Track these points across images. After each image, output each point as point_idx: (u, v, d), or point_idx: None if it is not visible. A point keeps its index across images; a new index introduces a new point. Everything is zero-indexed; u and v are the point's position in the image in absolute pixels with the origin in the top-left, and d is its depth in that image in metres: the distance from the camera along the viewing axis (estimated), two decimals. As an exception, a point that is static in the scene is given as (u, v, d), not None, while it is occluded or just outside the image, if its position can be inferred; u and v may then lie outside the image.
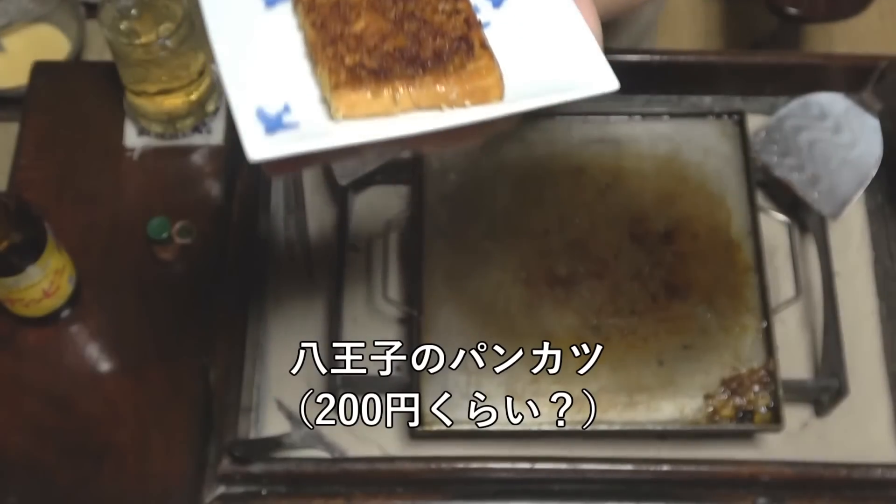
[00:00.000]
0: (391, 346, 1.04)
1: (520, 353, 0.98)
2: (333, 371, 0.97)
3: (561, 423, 0.95)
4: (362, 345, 1.04)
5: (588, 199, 1.06)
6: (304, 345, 1.05)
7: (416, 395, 0.95)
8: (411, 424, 0.96)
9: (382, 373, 1.03)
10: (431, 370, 0.96)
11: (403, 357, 1.03)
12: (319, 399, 1.02)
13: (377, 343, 1.04)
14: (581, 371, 0.97)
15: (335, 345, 0.98)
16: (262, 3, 0.62)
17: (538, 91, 0.59)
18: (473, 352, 0.97)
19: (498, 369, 0.97)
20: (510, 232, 1.03)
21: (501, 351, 0.98)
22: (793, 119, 1.09)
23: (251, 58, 0.58)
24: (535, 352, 0.98)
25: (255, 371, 1.01)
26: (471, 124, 0.55)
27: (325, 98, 0.57)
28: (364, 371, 1.03)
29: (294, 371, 1.04)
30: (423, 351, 0.97)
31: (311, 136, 0.54)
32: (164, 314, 1.01)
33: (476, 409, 0.95)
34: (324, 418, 1.02)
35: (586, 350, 0.98)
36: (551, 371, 0.97)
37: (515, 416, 0.95)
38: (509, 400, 0.96)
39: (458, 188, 1.05)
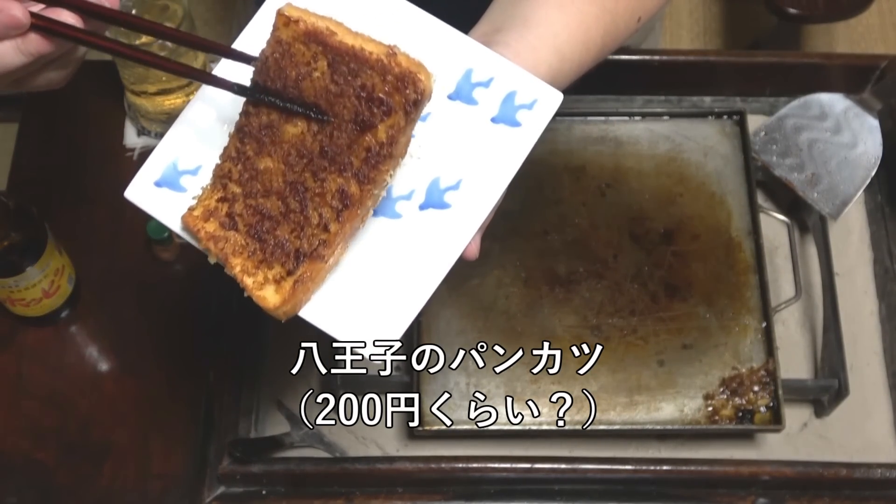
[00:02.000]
0: (391, 347, 1.04)
1: (520, 353, 0.97)
2: (333, 371, 0.97)
3: (561, 423, 0.95)
4: (362, 345, 1.04)
5: (588, 199, 1.06)
6: (304, 345, 1.05)
7: (416, 395, 0.95)
8: (411, 424, 0.96)
9: (382, 373, 1.03)
10: (431, 370, 0.96)
11: (403, 357, 1.03)
12: (319, 399, 1.02)
13: (377, 343, 1.04)
14: (581, 371, 0.97)
15: (335, 345, 0.98)
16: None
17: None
18: (473, 352, 0.97)
19: (498, 369, 0.97)
20: (510, 232, 1.03)
21: (501, 351, 0.98)
22: (793, 119, 1.09)
23: (212, 120, 0.64)
24: (535, 352, 0.98)
25: (255, 371, 1.01)
26: None
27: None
28: (364, 371, 1.03)
29: (294, 371, 1.04)
30: (423, 351, 0.97)
31: (170, 210, 0.62)
32: (164, 314, 1.01)
33: (476, 409, 0.95)
34: (324, 418, 1.02)
35: (586, 350, 0.98)
36: (551, 371, 0.97)
37: (515, 416, 0.95)
38: (509, 400, 0.96)
39: (458, 188, 1.05)
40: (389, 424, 1.01)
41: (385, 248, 0.63)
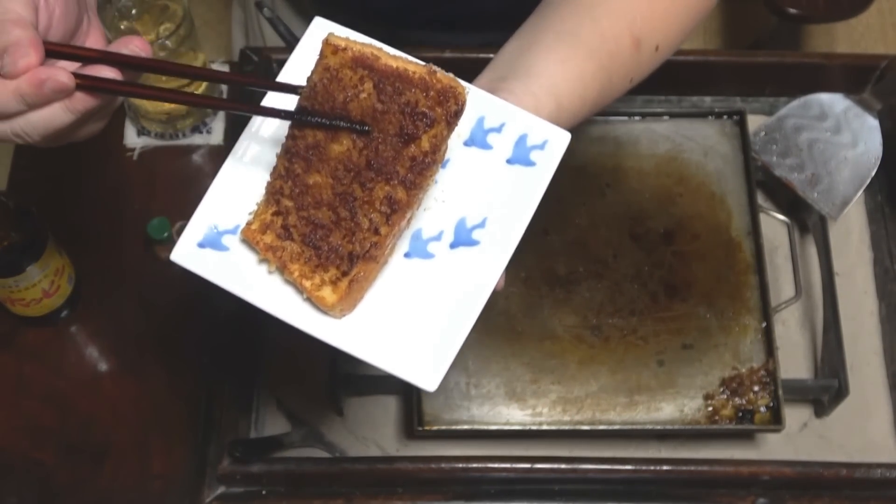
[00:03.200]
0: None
1: (520, 353, 0.98)
2: (333, 371, 0.97)
3: (561, 423, 0.95)
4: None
5: (588, 199, 1.06)
6: (303, 344, 1.05)
7: (415, 395, 0.95)
8: (411, 424, 0.96)
9: (382, 373, 1.03)
10: (431, 370, 0.96)
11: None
12: (319, 399, 1.02)
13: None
14: (581, 371, 0.97)
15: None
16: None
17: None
18: (473, 352, 0.97)
19: (498, 369, 0.97)
20: (510, 232, 1.03)
21: (502, 351, 0.98)
22: (793, 119, 1.09)
23: (246, 179, 0.67)
24: (535, 352, 0.98)
25: (255, 371, 1.01)
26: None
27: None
28: (364, 371, 1.03)
29: (294, 371, 1.04)
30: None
31: (221, 270, 0.66)
32: (164, 314, 1.01)
33: (476, 409, 0.95)
34: (324, 418, 1.02)
35: (586, 350, 0.98)
36: (551, 371, 0.97)
37: (515, 417, 0.95)
38: (509, 400, 0.96)
39: (458, 188, 1.05)
40: (389, 424, 1.01)
41: (421, 287, 0.66)
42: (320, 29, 0.68)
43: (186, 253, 0.66)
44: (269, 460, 0.93)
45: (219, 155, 1.08)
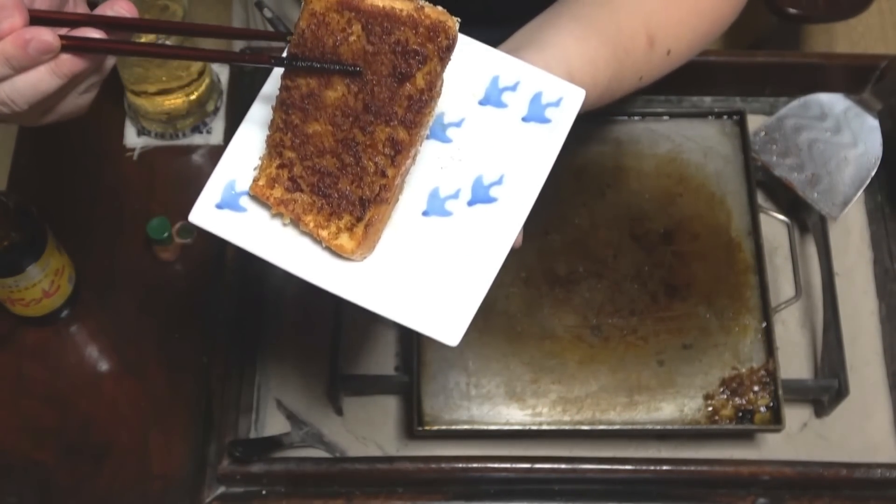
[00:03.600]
0: (391, 347, 1.04)
1: (520, 353, 0.98)
2: (333, 371, 0.97)
3: (561, 423, 0.95)
4: (362, 345, 1.04)
5: (588, 199, 1.06)
6: (304, 345, 1.05)
7: (415, 395, 0.95)
8: (411, 424, 0.96)
9: (382, 373, 1.03)
10: (431, 370, 0.96)
11: (403, 357, 1.03)
12: (319, 399, 1.02)
13: (377, 343, 1.04)
14: (581, 371, 0.97)
15: (335, 345, 0.98)
16: None
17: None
18: (473, 352, 0.97)
19: (498, 369, 0.97)
20: (510, 232, 1.03)
21: (502, 351, 0.98)
22: (793, 119, 1.09)
23: (260, 140, 0.67)
24: (535, 352, 0.98)
25: (255, 371, 1.01)
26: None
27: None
28: (364, 371, 1.03)
29: (294, 371, 1.04)
30: (423, 351, 0.97)
31: (239, 230, 0.66)
32: (164, 314, 1.01)
33: (476, 409, 0.95)
34: (324, 418, 1.02)
35: (586, 350, 0.98)
36: (551, 371, 0.97)
37: (515, 416, 0.95)
38: (509, 400, 0.96)
39: (458, 188, 1.05)
40: (389, 424, 1.01)
41: (440, 244, 0.66)
42: None
43: (204, 214, 0.66)
44: (269, 460, 0.93)
45: (219, 155, 1.08)
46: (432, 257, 0.66)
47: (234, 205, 0.66)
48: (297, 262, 0.66)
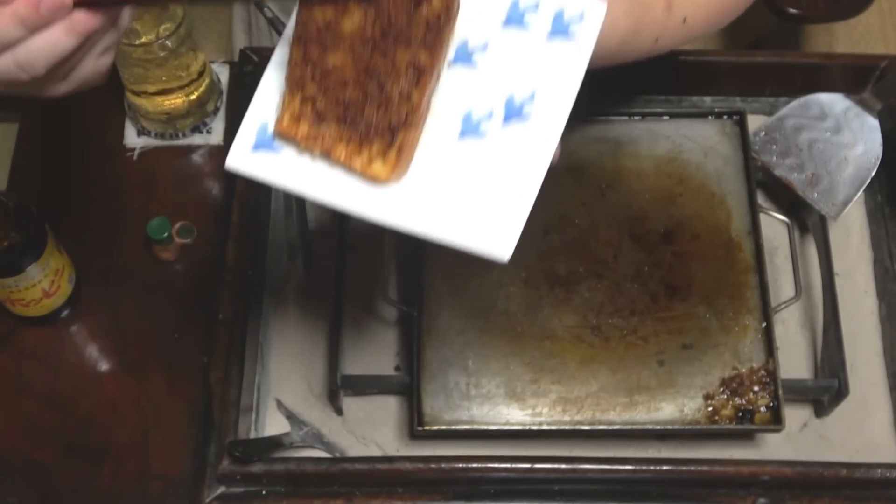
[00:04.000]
0: (391, 347, 1.04)
1: (520, 353, 0.98)
2: (333, 371, 0.97)
3: (561, 423, 0.95)
4: (362, 345, 1.04)
5: (588, 199, 1.06)
6: (304, 345, 1.05)
7: (415, 395, 0.95)
8: (411, 424, 0.96)
9: (382, 373, 1.03)
10: (431, 370, 0.96)
11: (404, 357, 1.03)
12: (319, 399, 1.02)
13: (377, 343, 1.04)
14: (581, 371, 0.97)
15: (335, 345, 0.98)
16: None
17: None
18: (473, 352, 0.97)
19: (498, 369, 0.97)
20: (510, 232, 1.03)
21: (502, 351, 0.98)
22: (793, 119, 1.09)
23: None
24: (535, 352, 0.98)
25: (255, 371, 1.01)
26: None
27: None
28: (364, 371, 1.03)
29: (294, 371, 1.04)
30: (423, 351, 0.97)
31: (277, 169, 0.66)
32: (164, 314, 1.01)
33: (476, 409, 0.95)
34: (324, 418, 1.02)
35: (586, 350, 0.98)
36: (551, 371, 0.97)
37: (515, 416, 0.95)
38: (509, 400, 0.96)
39: (458, 188, 1.05)
40: (389, 424, 1.01)
41: (479, 164, 0.66)
42: None
43: (241, 158, 0.66)
44: (269, 460, 0.93)
45: (219, 155, 1.08)
46: (472, 177, 0.66)
47: (269, 146, 0.66)
48: (336, 194, 0.66)
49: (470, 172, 0.66)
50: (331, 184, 0.66)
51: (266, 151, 0.66)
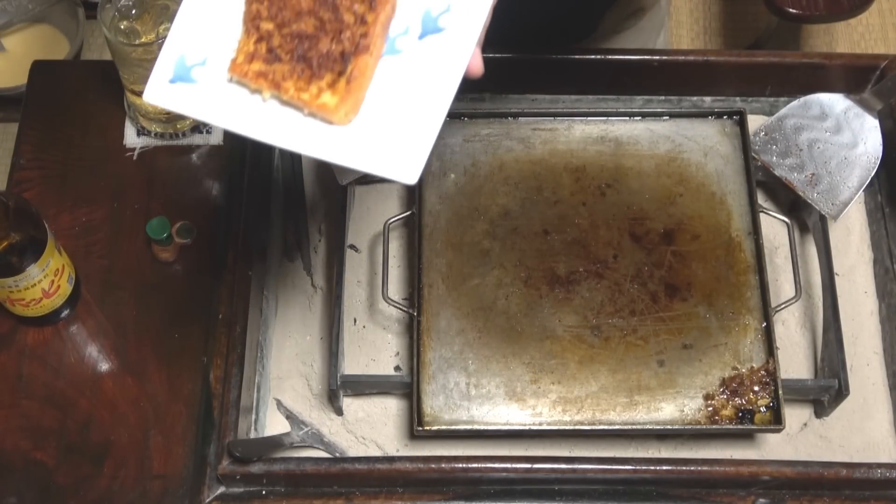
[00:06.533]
0: (391, 347, 1.04)
1: (520, 353, 0.98)
2: (333, 371, 0.97)
3: (561, 423, 0.95)
4: (362, 345, 1.04)
5: (588, 199, 1.06)
6: (304, 345, 1.05)
7: (415, 395, 0.95)
8: (411, 424, 0.96)
9: (382, 373, 1.03)
10: (431, 370, 0.96)
11: (404, 357, 1.03)
12: (319, 399, 1.02)
13: (377, 343, 1.04)
14: (581, 371, 0.97)
15: (335, 345, 0.98)
16: None
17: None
18: (473, 352, 0.97)
19: (498, 369, 0.97)
20: (510, 232, 1.03)
21: (502, 351, 0.98)
22: (793, 119, 1.09)
23: (209, 11, 0.66)
24: (535, 352, 0.98)
25: (255, 371, 1.01)
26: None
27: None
28: (364, 371, 1.03)
29: (294, 371, 1.04)
30: (423, 351, 0.97)
31: (193, 100, 0.64)
32: (164, 314, 1.01)
33: (476, 409, 0.95)
34: (324, 418, 1.02)
35: (586, 350, 0.98)
36: (551, 371, 0.97)
37: (515, 416, 0.95)
38: (509, 400, 0.96)
39: (458, 188, 1.05)
40: (389, 424, 1.01)
41: (393, 83, 0.65)
42: None
43: (158, 90, 0.65)
44: (269, 460, 0.93)
45: (219, 155, 1.08)
46: (387, 98, 0.65)
47: (186, 77, 0.65)
48: (250, 123, 0.65)
49: (384, 92, 0.65)
50: (246, 114, 0.65)
51: (184, 83, 0.65)
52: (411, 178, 0.63)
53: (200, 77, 0.65)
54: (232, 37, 0.67)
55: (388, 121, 0.64)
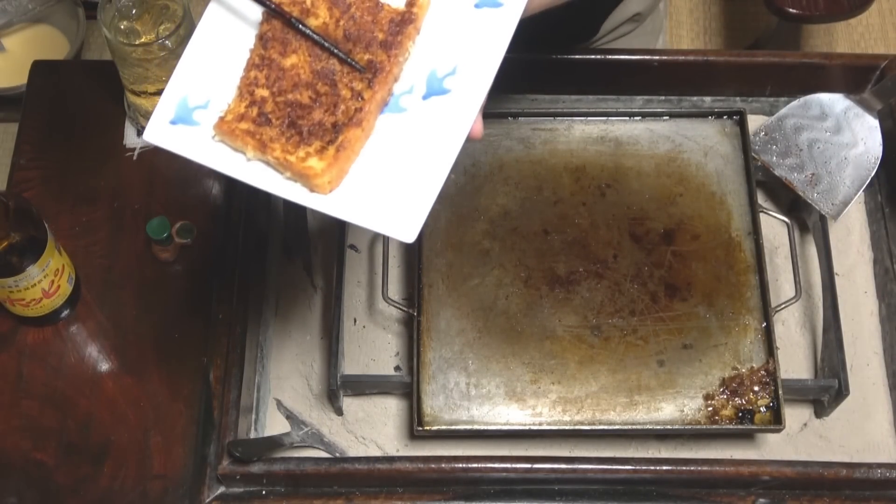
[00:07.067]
0: (391, 347, 1.04)
1: (520, 353, 0.98)
2: (333, 371, 0.97)
3: (561, 423, 0.95)
4: (362, 345, 1.04)
5: (588, 199, 1.06)
6: (304, 345, 1.05)
7: (415, 395, 0.95)
8: (411, 424, 0.96)
9: (382, 373, 1.03)
10: (431, 370, 0.96)
11: (404, 357, 1.03)
12: (319, 399, 1.02)
13: (377, 343, 1.04)
14: (581, 371, 0.97)
15: (335, 345, 0.98)
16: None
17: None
18: (473, 352, 0.97)
19: (498, 369, 0.97)
20: (510, 232, 1.03)
21: (502, 351, 0.98)
22: (793, 119, 1.09)
23: (214, 54, 0.66)
24: (535, 352, 0.98)
25: (255, 371, 1.01)
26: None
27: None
28: (364, 371, 1.03)
29: (294, 371, 1.04)
30: (423, 351, 0.97)
31: (193, 144, 0.64)
32: (164, 314, 1.01)
33: (476, 409, 0.95)
34: (324, 418, 1.02)
35: (586, 350, 0.98)
36: (551, 371, 0.97)
37: (515, 416, 0.95)
38: (509, 400, 0.96)
39: (458, 188, 1.05)
40: (389, 424, 1.01)
41: (396, 142, 0.65)
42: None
43: (159, 131, 0.65)
44: (269, 460, 0.93)
45: (219, 155, 1.08)
46: (388, 155, 0.65)
47: (188, 120, 0.65)
48: (251, 172, 0.64)
49: (385, 151, 0.65)
50: (246, 162, 0.65)
51: (185, 125, 0.65)
52: (409, 237, 0.63)
53: (202, 119, 0.65)
54: (237, 80, 0.67)
55: (390, 178, 0.64)
